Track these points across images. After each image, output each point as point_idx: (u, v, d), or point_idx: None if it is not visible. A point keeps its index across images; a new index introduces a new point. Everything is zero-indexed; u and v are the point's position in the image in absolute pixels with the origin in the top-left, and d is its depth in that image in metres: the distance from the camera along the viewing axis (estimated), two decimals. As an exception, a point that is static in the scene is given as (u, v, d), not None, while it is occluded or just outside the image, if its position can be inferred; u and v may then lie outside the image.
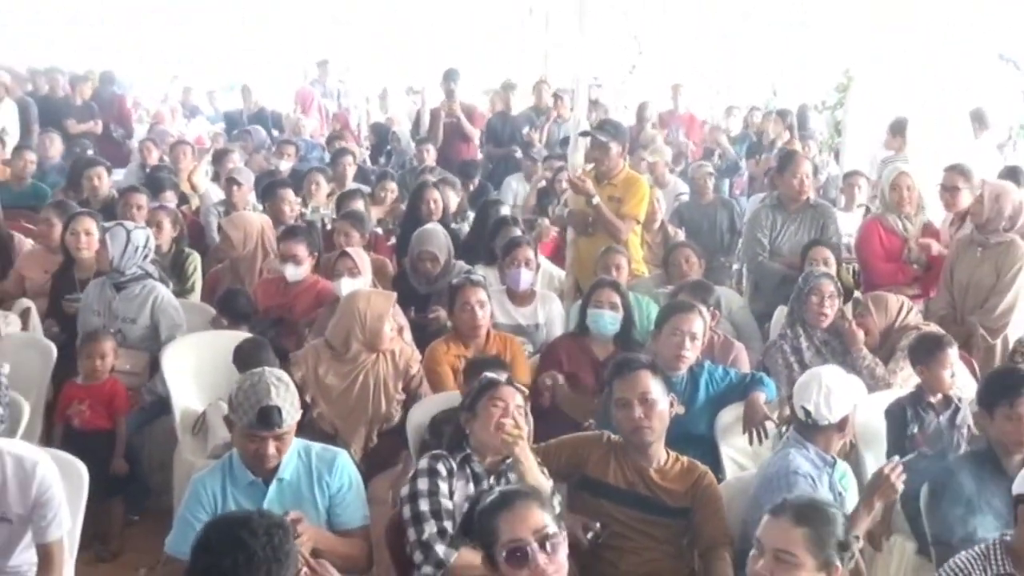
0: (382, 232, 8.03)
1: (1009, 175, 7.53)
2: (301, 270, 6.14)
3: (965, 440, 4.62)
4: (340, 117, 14.86)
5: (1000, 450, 4.09)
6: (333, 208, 8.19)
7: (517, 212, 8.77)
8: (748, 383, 4.90)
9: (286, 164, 10.30)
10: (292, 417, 3.62)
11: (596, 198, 6.57)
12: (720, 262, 8.01)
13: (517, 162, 10.38)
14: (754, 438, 4.70)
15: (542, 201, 8.81)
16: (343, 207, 7.76)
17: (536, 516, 2.85)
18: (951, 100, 9.55)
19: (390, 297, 5.19)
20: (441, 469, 3.72)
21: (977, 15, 9.73)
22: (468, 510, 3.28)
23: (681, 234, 8.03)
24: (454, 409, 4.22)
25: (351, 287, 5.56)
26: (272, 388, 3.55)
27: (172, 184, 8.62)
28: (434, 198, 7.63)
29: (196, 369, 5.51)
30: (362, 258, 6.00)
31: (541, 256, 6.78)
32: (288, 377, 3.73)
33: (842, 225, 7.21)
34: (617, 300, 5.36)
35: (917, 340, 4.94)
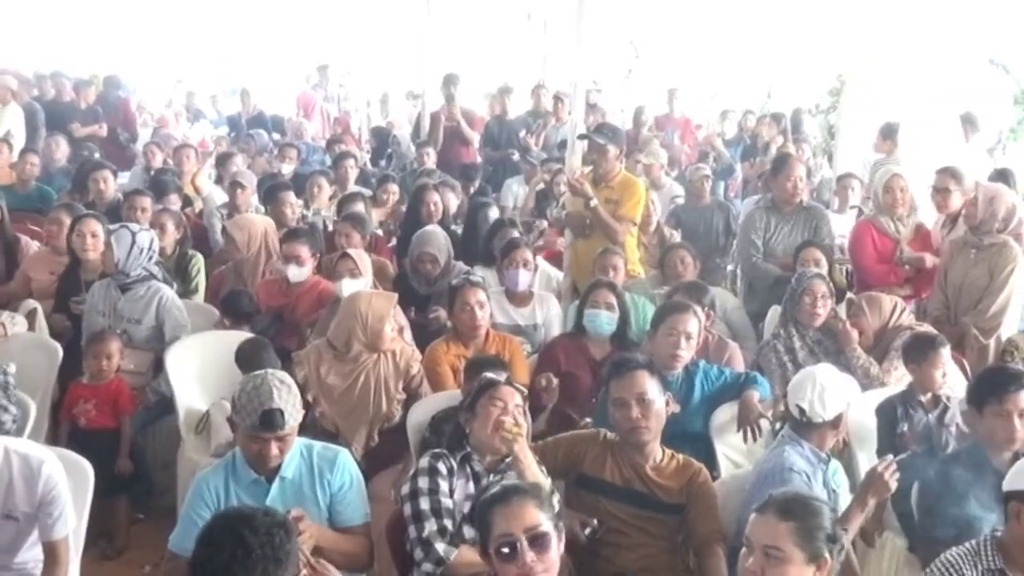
0: (383, 234, 8.04)
1: (999, 177, 7.55)
2: (303, 271, 6.14)
3: (953, 438, 4.63)
4: (341, 121, 14.87)
5: (990, 447, 4.09)
6: (334, 210, 8.19)
7: (517, 214, 8.78)
8: (742, 382, 4.91)
9: (288, 167, 10.29)
10: (294, 419, 3.63)
11: (594, 200, 6.57)
12: (715, 263, 8.00)
13: (516, 165, 10.37)
14: (748, 436, 4.71)
15: (540, 204, 8.81)
16: (344, 209, 7.77)
17: (530, 513, 2.85)
18: (942, 104, 9.56)
19: (391, 298, 5.19)
20: (441, 468, 3.72)
21: (967, 21, 9.75)
22: (473, 506, 3.29)
23: (677, 236, 8.02)
24: (455, 408, 4.22)
25: (352, 288, 5.56)
26: (275, 391, 3.55)
27: (176, 187, 8.61)
28: (434, 200, 7.64)
29: (199, 369, 5.52)
30: (363, 259, 6.00)
31: (539, 257, 6.79)
32: (291, 379, 3.72)
33: (835, 227, 7.22)
34: (613, 301, 5.37)
35: (911, 339, 4.96)
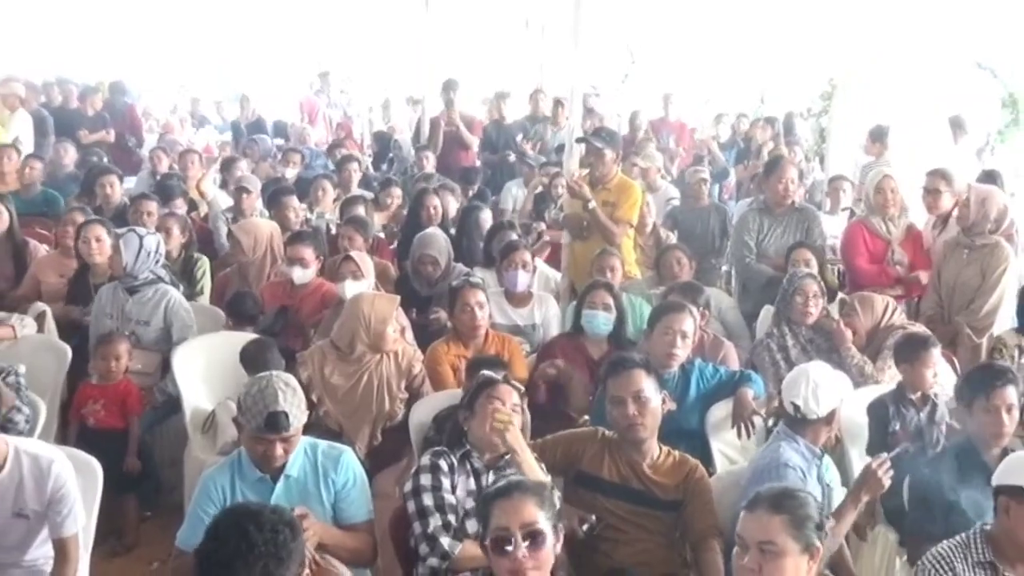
0: (385, 237, 8.03)
1: (987, 179, 7.55)
2: (308, 273, 6.14)
3: (943, 436, 4.63)
4: (344, 126, 14.86)
5: (979, 443, 4.10)
6: (337, 213, 8.19)
7: (516, 217, 8.78)
8: (737, 380, 4.91)
9: (292, 172, 10.28)
10: (299, 420, 3.62)
11: (592, 202, 6.57)
12: (711, 264, 8.00)
13: (514, 168, 10.37)
14: (742, 432, 4.72)
15: (539, 206, 8.81)
16: (347, 212, 7.77)
17: (528, 510, 2.85)
18: (931, 107, 9.59)
19: (393, 300, 5.19)
20: (443, 465, 3.72)
21: (955, 25, 9.76)
22: (476, 500, 3.31)
23: (673, 237, 8.02)
24: (456, 406, 4.22)
25: (354, 289, 5.56)
26: (280, 393, 3.54)
27: (181, 191, 8.59)
28: (434, 204, 7.64)
29: (206, 369, 5.51)
30: (365, 261, 6.00)
31: (538, 259, 6.79)
32: (295, 381, 3.71)
33: (827, 228, 7.22)
34: (610, 301, 5.36)
35: (903, 339, 4.96)
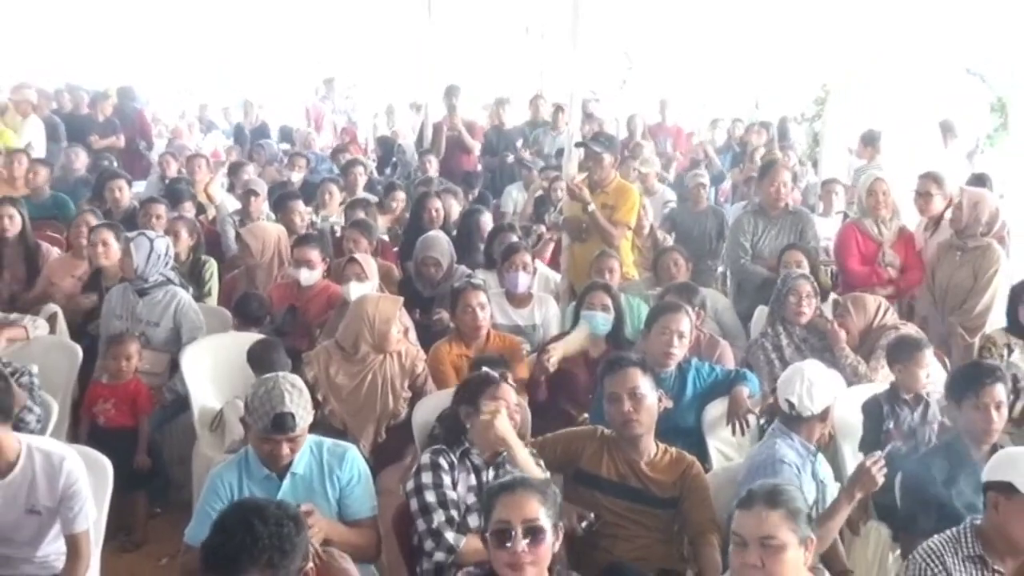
0: (389, 239, 8.04)
1: (976, 182, 7.56)
2: (314, 274, 6.15)
3: (935, 434, 4.63)
4: (348, 131, 14.88)
5: (969, 439, 4.10)
6: (342, 216, 8.19)
7: (516, 219, 8.78)
8: (733, 378, 4.91)
9: (297, 176, 10.29)
10: (305, 421, 3.62)
11: (591, 205, 6.57)
12: (707, 265, 8.00)
13: (514, 171, 10.38)
14: (737, 429, 4.72)
15: (539, 209, 8.81)
16: (351, 214, 7.77)
17: (531, 506, 2.86)
18: (922, 111, 9.59)
19: (397, 302, 5.19)
20: (443, 462, 3.72)
21: (946, 32, 9.76)
22: (480, 494, 3.32)
23: (670, 239, 8.03)
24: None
25: (359, 291, 5.56)
26: (286, 395, 3.55)
27: (190, 195, 8.58)
28: (435, 207, 7.64)
29: (213, 369, 5.51)
30: (369, 263, 6.00)
31: (537, 260, 6.79)
32: (301, 382, 3.71)
33: (820, 230, 7.23)
34: (609, 302, 5.37)
35: (895, 341, 4.94)
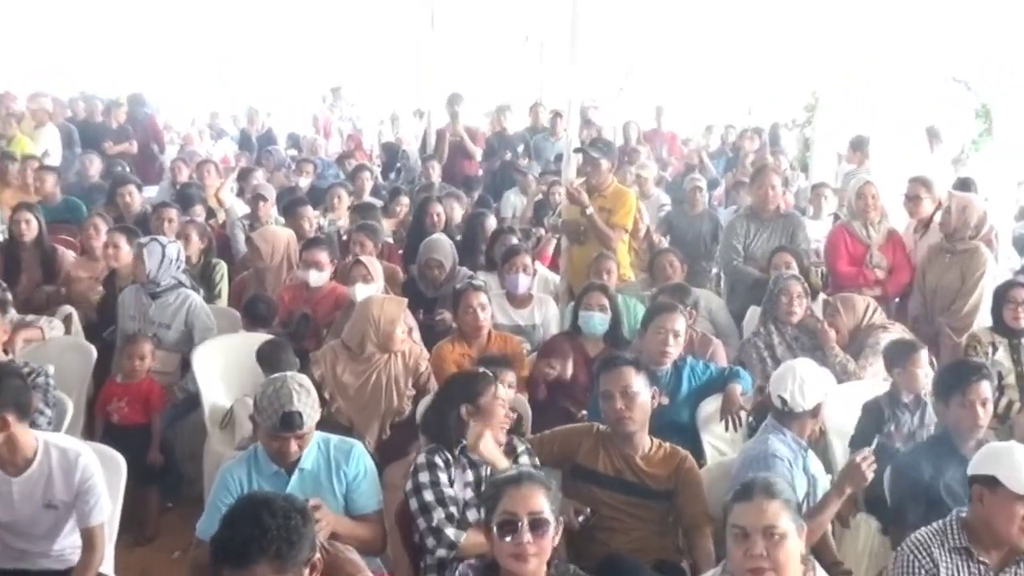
0: (394, 242, 8.03)
1: (962, 186, 7.55)
2: (323, 275, 6.15)
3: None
4: (354, 138, 14.88)
5: (955, 435, 4.10)
6: (347, 220, 8.19)
7: (516, 223, 8.78)
8: (726, 376, 4.91)
9: (305, 181, 10.28)
10: (312, 419, 3.62)
11: (590, 209, 6.57)
12: (701, 267, 7.98)
13: (512, 177, 10.38)
14: (729, 425, 4.72)
15: (538, 213, 8.81)
16: (358, 217, 7.75)
17: (536, 499, 2.87)
18: (909, 118, 9.59)
19: (401, 303, 5.19)
20: (438, 461, 3.72)
21: (932, 41, 9.76)
22: (480, 489, 3.33)
23: (665, 241, 8.03)
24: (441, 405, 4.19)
25: (365, 292, 5.57)
26: (294, 394, 3.55)
27: (200, 199, 8.59)
28: (437, 211, 7.65)
29: (224, 368, 5.52)
30: (375, 266, 6.01)
31: (538, 263, 6.79)
32: (309, 382, 3.71)
33: (811, 232, 7.23)
34: (606, 302, 5.36)
35: (892, 346, 4.92)
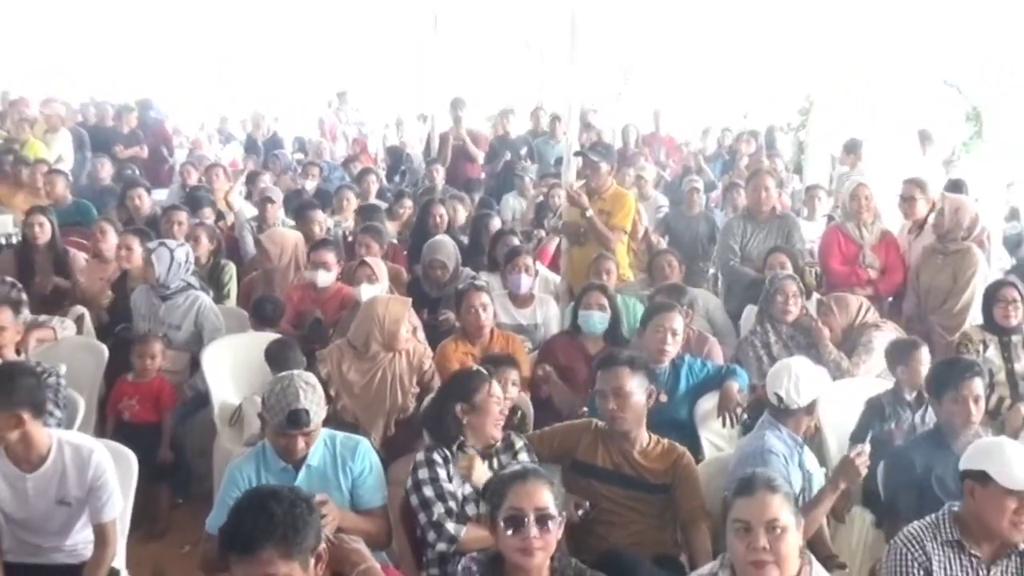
0: (399, 243, 8.03)
1: (953, 188, 7.54)
2: (330, 276, 6.15)
3: None
4: (360, 142, 14.88)
5: (948, 431, 4.10)
6: (353, 221, 8.19)
7: (517, 225, 8.77)
8: (723, 374, 4.91)
9: (311, 184, 10.29)
10: (318, 417, 3.63)
11: (590, 211, 6.57)
12: (699, 267, 7.98)
13: (512, 181, 10.39)
14: (726, 421, 4.73)
15: (539, 214, 8.81)
16: (363, 218, 7.75)
17: (541, 495, 2.88)
18: (901, 121, 9.59)
19: (406, 303, 5.19)
20: (437, 458, 3.72)
21: (923, 46, 9.76)
22: (485, 484, 3.35)
23: (663, 242, 8.03)
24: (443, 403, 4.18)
25: (370, 292, 5.56)
26: (301, 392, 3.55)
27: (209, 202, 8.59)
28: (439, 213, 7.65)
29: (233, 367, 5.52)
30: (379, 266, 6.01)
31: (539, 263, 6.79)
32: (315, 380, 3.71)
33: (805, 233, 7.22)
34: (605, 302, 5.36)
35: (892, 345, 4.91)
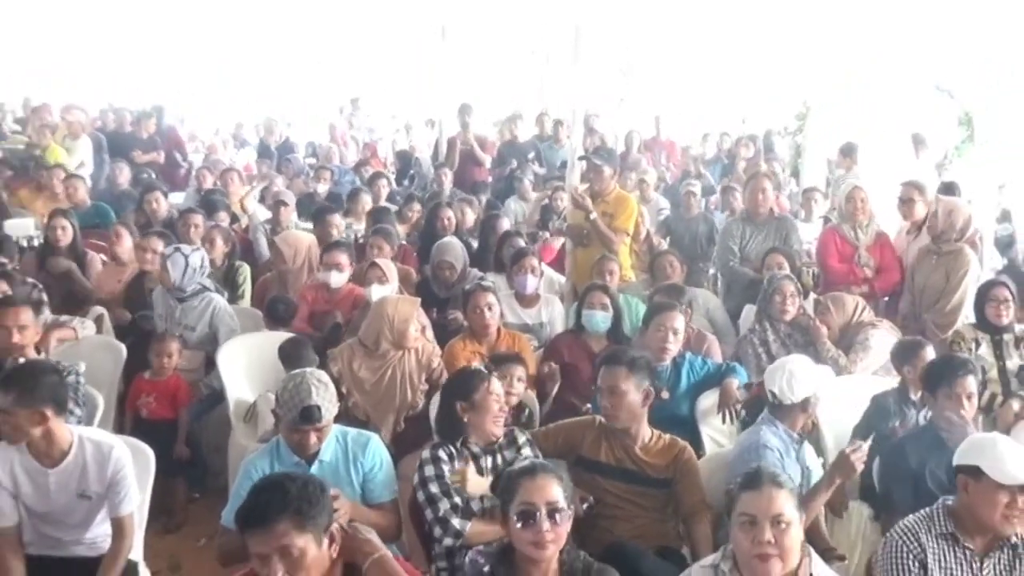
0: (408, 245, 8.03)
1: (946, 191, 7.53)
2: (343, 276, 6.14)
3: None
4: (370, 146, 14.90)
5: (942, 426, 4.08)
6: (364, 223, 8.19)
7: (522, 227, 8.78)
8: (723, 371, 4.91)
9: (323, 187, 10.30)
10: (330, 413, 3.64)
11: (594, 213, 6.57)
12: (699, 267, 7.98)
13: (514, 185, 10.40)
14: (727, 418, 4.72)
15: (544, 217, 8.81)
16: (375, 220, 7.74)
17: (552, 489, 2.89)
18: (895, 125, 9.58)
19: (415, 302, 5.19)
20: (442, 455, 3.72)
21: (916, 52, 9.75)
22: (495, 479, 3.37)
23: (665, 244, 8.03)
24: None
25: (380, 293, 5.57)
26: (313, 389, 3.57)
27: (224, 205, 8.60)
28: (447, 216, 7.65)
29: (247, 365, 5.52)
30: (389, 267, 6.02)
31: (544, 264, 6.79)
32: (327, 377, 3.72)
33: (802, 234, 7.22)
34: (607, 301, 5.36)
35: (899, 346, 4.88)
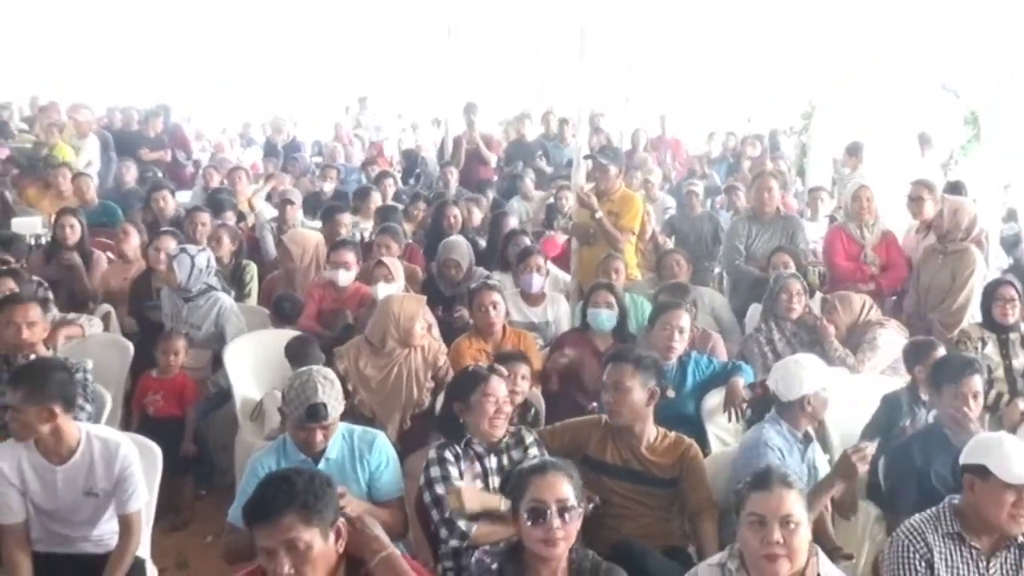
0: (414, 243, 8.01)
1: (951, 190, 7.49)
2: (350, 275, 6.14)
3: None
4: (376, 145, 14.90)
5: (948, 425, 4.06)
6: (371, 222, 8.18)
7: (526, 227, 8.76)
8: (729, 370, 4.88)
9: (329, 186, 10.30)
10: (336, 411, 3.63)
11: (599, 212, 6.55)
12: (704, 266, 7.96)
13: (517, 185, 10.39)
14: (732, 417, 4.70)
15: (549, 216, 8.80)
16: (382, 218, 7.73)
17: (562, 487, 2.87)
18: (901, 124, 9.54)
19: (420, 300, 5.17)
20: (448, 455, 3.70)
21: (922, 51, 9.71)
22: (506, 477, 3.36)
23: (670, 243, 8.01)
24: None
25: (386, 291, 5.55)
26: (319, 386, 3.55)
27: (231, 204, 8.59)
28: (453, 214, 7.65)
29: (254, 363, 5.52)
30: (396, 266, 6.00)
31: (549, 263, 6.77)
32: (334, 375, 3.71)
33: (809, 233, 7.20)
34: (612, 300, 5.34)
35: (911, 346, 4.84)
